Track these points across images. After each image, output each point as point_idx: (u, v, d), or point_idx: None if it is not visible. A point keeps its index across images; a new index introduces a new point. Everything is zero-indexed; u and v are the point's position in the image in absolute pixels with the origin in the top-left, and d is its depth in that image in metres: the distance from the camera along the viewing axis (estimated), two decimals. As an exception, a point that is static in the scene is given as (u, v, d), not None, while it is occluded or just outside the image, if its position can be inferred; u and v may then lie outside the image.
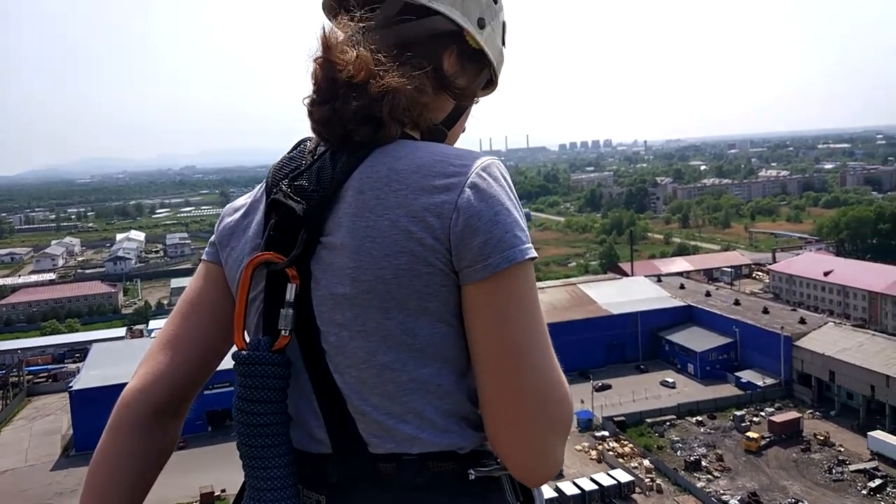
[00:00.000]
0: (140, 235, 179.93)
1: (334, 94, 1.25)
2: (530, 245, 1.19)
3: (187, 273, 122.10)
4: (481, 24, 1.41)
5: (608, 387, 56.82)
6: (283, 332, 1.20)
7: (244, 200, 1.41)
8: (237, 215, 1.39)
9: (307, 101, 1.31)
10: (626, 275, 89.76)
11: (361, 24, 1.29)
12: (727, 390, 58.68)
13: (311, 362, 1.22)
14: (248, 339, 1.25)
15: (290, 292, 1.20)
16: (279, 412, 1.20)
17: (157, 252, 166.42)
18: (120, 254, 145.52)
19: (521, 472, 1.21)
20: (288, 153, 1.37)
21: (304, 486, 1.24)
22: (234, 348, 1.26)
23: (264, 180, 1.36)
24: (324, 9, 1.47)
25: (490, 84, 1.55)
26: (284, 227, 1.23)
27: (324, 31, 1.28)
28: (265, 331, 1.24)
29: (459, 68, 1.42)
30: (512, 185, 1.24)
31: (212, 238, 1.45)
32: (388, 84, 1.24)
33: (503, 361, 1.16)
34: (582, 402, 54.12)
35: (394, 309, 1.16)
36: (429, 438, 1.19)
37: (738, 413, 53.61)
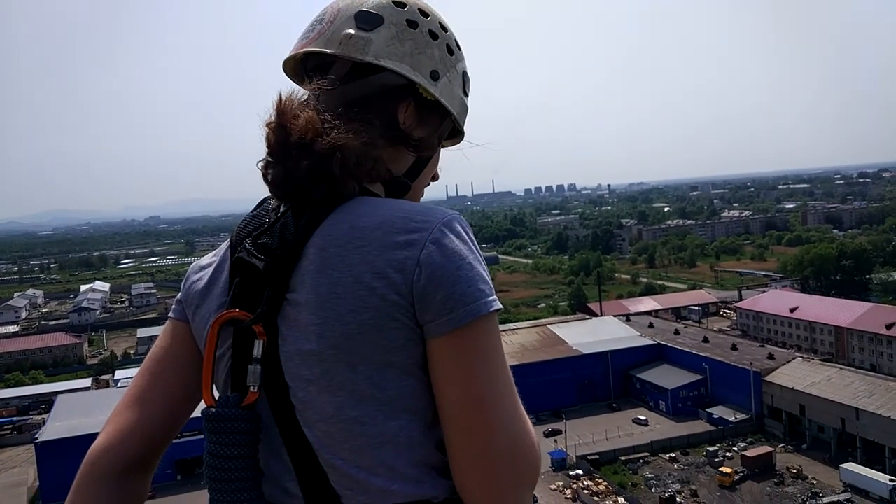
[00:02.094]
0: (105, 286, 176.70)
1: (286, 155, 1.27)
2: (494, 297, 1.20)
3: (153, 323, 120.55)
4: (435, 77, 1.42)
5: (558, 432, 56.24)
6: (251, 388, 1.21)
7: (209, 259, 1.42)
8: (203, 274, 1.40)
9: (261, 164, 1.33)
10: (595, 315, 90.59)
11: (316, 87, 1.34)
12: (699, 426, 59.08)
13: (281, 417, 1.22)
14: (217, 396, 1.26)
15: (258, 349, 1.21)
16: (250, 467, 1.21)
17: (122, 302, 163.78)
18: (84, 304, 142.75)
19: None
20: (252, 211, 1.39)
21: None
22: (203, 405, 1.26)
23: (229, 238, 1.37)
24: (286, 72, 1.51)
25: (457, 133, 1.56)
26: (249, 284, 1.25)
27: (279, 97, 1.31)
28: (234, 387, 1.25)
29: (417, 120, 1.43)
30: (474, 239, 1.25)
31: (178, 296, 1.45)
32: (335, 141, 1.26)
33: (468, 415, 1.17)
34: (555, 441, 54.17)
35: (360, 364, 1.17)
36: (401, 490, 1.20)
37: (710, 449, 53.96)
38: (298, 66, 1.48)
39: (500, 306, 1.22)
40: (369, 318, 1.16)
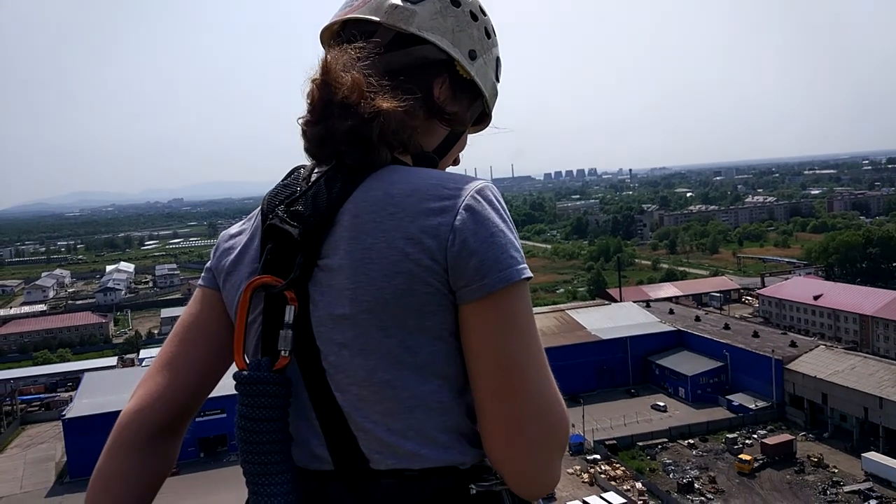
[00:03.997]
0: (129, 267, 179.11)
1: (328, 114, 1.29)
2: (525, 266, 1.22)
3: (177, 303, 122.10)
4: (472, 56, 1.45)
5: None
6: (282, 352, 1.23)
7: (239, 227, 1.44)
8: (233, 242, 1.42)
9: (301, 120, 1.34)
10: (615, 301, 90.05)
11: (357, 52, 1.33)
12: (719, 413, 58.81)
13: (311, 382, 1.24)
14: (248, 360, 1.27)
15: (289, 314, 1.22)
16: (281, 430, 1.23)
17: (146, 283, 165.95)
18: (110, 285, 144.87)
19: (518, 486, 1.24)
20: (282, 181, 1.40)
21: (306, 503, 1.26)
22: (236, 369, 1.28)
23: (259, 207, 1.39)
24: (322, 42, 1.53)
25: (483, 118, 1.60)
26: (281, 251, 1.26)
27: (326, 55, 1.32)
28: (264, 352, 1.27)
29: (451, 96, 1.45)
30: (506, 207, 1.27)
31: (208, 264, 1.47)
32: (379, 106, 1.27)
33: (498, 379, 1.19)
34: (573, 425, 53.98)
35: (393, 328, 1.18)
36: (430, 454, 1.22)
37: (730, 436, 53.73)
38: (335, 36, 1.48)
39: (531, 274, 1.23)
40: (403, 283, 1.17)
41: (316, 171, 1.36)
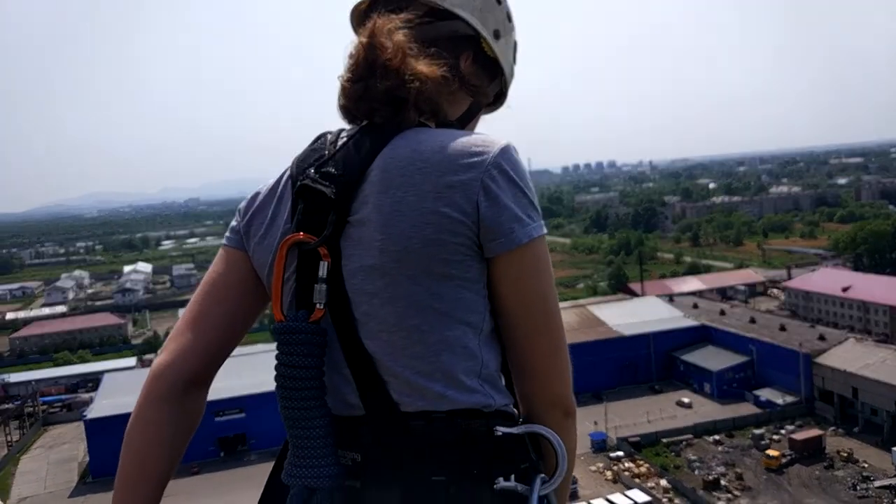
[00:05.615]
0: (147, 267, 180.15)
1: (370, 73, 1.37)
2: (542, 222, 1.37)
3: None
4: (497, 35, 1.56)
5: None
6: (318, 305, 1.31)
7: (265, 189, 1.51)
8: (262, 204, 1.48)
9: (342, 78, 1.43)
10: (636, 295, 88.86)
11: (400, 21, 1.41)
12: (745, 409, 57.82)
13: (343, 334, 1.32)
14: (286, 313, 1.34)
15: (323, 269, 1.31)
16: (317, 377, 1.29)
17: (164, 283, 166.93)
18: (128, 286, 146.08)
19: (559, 395, 1.43)
20: (309, 145, 1.48)
21: (340, 447, 1.31)
22: (276, 321, 1.34)
23: (287, 171, 1.46)
24: (351, 20, 1.61)
25: (499, 98, 1.69)
26: (314, 210, 1.34)
27: (374, 21, 1.40)
28: (298, 306, 1.34)
29: (474, 72, 1.55)
30: (525, 166, 1.37)
31: (233, 224, 1.53)
32: (420, 70, 1.37)
33: (537, 319, 1.37)
34: (595, 423, 53.34)
35: (420, 275, 1.27)
36: (456, 396, 1.30)
37: (757, 432, 52.73)
38: (362, 15, 1.55)
39: (546, 231, 1.38)
40: (431, 234, 1.26)
41: (343, 134, 1.44)
